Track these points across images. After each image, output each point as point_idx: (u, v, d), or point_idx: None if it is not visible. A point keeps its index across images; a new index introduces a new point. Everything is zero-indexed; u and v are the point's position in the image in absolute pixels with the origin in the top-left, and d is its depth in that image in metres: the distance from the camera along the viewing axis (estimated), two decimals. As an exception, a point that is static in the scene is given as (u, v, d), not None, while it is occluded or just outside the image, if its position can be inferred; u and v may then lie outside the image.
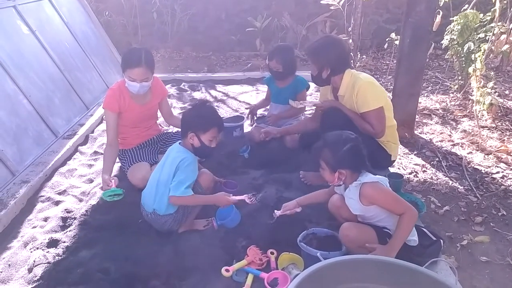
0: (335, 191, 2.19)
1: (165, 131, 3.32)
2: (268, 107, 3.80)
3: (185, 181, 2.22)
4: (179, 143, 2.38)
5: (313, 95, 4.76)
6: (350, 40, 5.44)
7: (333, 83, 2.77)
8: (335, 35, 2.83)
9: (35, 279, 2.03)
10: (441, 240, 2.09)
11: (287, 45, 3.57)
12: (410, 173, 3.24)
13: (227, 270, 1.99)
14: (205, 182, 2.44)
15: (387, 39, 5.07)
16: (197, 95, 4.89)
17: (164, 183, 2.27)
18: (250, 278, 2.00)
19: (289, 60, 3.34)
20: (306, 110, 3.71)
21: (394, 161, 2.88)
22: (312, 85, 5.01)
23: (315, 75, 2.77)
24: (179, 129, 3.21)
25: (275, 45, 3.59)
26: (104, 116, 2.92)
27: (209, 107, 2.49)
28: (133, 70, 2.67)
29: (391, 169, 3.03)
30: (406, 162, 3.39)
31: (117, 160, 3.10)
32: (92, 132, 3.84)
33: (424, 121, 4.20)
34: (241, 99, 4.76)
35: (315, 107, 3.07)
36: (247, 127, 3.77)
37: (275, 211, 2.28)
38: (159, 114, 3.19)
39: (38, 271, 2.07)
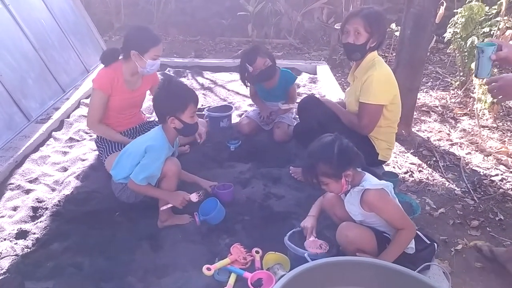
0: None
1: (148, 119, 3.29)
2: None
3: (146, 167, 2.26)
4: (162, 126, 2.38)
5: (307, 86, 4.77)
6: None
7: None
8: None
9: (1, 272, 2.00)
10: (435, 244, 2.11)
11: (256, 44, 3.47)
12: (405, 173, 3.27)
13: (208, 269, 1.98)
14: (165, 167, 2.36)
15: (387, 30, 5.08)
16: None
17: (129, 154, 2.37)
18: (232, 277, 2.00)
19: (269, 52, 3.29)
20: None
21: (383, 162, 2.85)
22: (306, 76, 5.03)
23: (359, 44, 2.52)
24: None
25: (243, 51, 3.43)
26: (91, 97, 2.86)
27: (177, 83, 2.51)
28: (158, 46, 2.74)
29: (386, 168, 3.06)
30: (401, 161, 3.42)
31: (95, 148, 3.08)
32: (68, 117, 3.79)
33: (422, 118, 4.24)
34: (230, 87, 4.74)
35: None
36: (235, 117, 3.77)
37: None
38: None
39: (5, 263, 2.05)
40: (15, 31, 3.85)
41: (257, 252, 2.15)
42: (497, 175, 3.27)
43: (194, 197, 2.34)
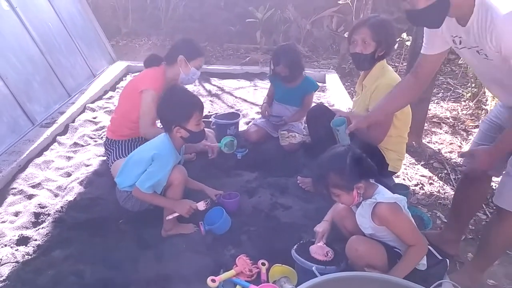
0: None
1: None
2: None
3: (153, 175, 2.23)
4: (169, 134, 2.35)
5: (315, 94, 4.74)
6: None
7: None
8: None
9: (1, 279, 2.00)
10: (447, 260, 2.07)
11: (290, 46, 3.46)
12: (416, 185, 3.23)
13: (213, 281, 1.96)
14: (172, 176, 2.33)
15: (397, 39, 5.07)
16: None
17: (134, 161, 2.34)
18: (238, 290, 1.98)
19: (295, 62, 3.28)
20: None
21: (393, 173, 2.83)
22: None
23: (367, 53, 2.52)
24: None
25: (278, 47, 3.49)
26: (143, 100, 2.77)
27: (180, 90, 2.50)
28: (203, 57, 2.96)
29: (396, 180, 3.02)
30: (412, 173, 3.38)
31: (99, 153, 3.07)
32: (73, 121, 3.79)
33: (433, 129, 4.20)
34: (237, 94, 4.74)
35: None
36: (242, 125, 3.75)
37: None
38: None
39: (5, 270, 2.04)
40: (21, 33, 3.87)
41: (263, 264, 2.12)
42: (510, 189, 3.21)
43: (201, 205, 2.32)
